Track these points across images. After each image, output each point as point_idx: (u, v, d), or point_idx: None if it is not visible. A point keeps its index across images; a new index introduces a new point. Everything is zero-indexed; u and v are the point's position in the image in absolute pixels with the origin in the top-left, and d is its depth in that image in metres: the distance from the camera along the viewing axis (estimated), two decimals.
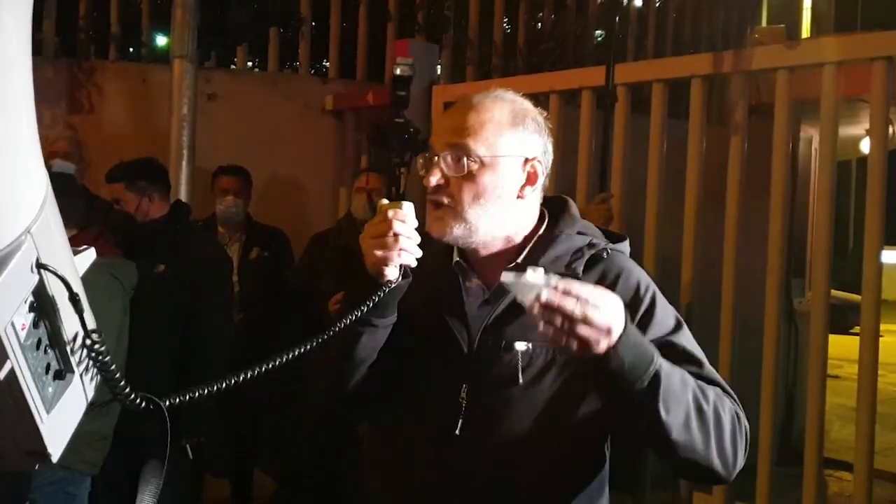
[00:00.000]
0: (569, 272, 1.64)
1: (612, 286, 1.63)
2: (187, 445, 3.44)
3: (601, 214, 3.65)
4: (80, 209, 3.03)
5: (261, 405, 4.31)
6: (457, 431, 1.62)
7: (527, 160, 1.67)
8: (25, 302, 0.86)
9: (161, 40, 7.06)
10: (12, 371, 0.84)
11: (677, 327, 1.69)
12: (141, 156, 4.13)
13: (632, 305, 1.64)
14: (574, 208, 1.81)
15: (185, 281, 3.64)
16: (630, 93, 4.39)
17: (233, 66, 6.57)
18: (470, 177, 1.62)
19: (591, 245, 1.70)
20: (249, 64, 6.93)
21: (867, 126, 3.77)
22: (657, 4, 7.66)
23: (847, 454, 4.38)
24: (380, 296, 1.52)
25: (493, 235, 1.67)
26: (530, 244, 1.71)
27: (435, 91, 5.18)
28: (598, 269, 1.69)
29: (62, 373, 0.94)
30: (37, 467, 0.95)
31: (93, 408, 1.03)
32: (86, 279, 1.01)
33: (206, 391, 1.15)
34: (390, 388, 1.70)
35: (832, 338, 4.11)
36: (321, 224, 5.12)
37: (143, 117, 5.51)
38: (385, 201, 1.56)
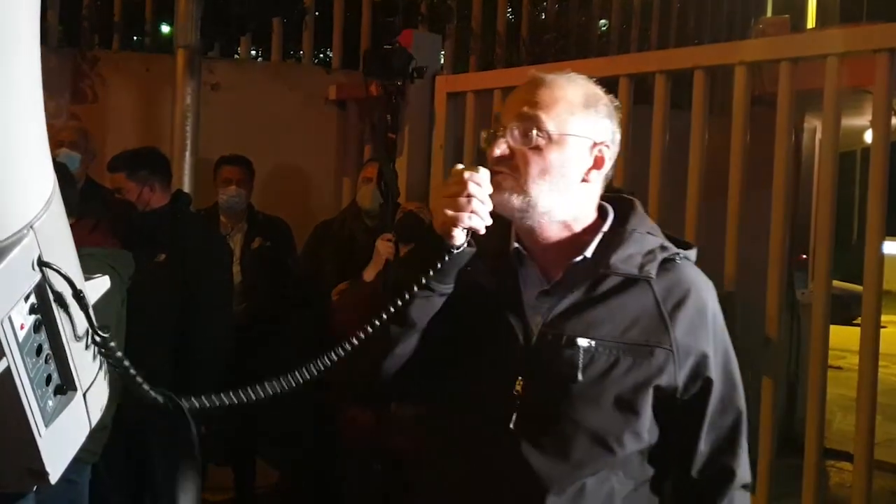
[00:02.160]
0: (641, 273, 1.61)
1: (681, 301, 1.63)
2: (188, 436, 3.46)
3: None
4: (74, 198, 3.03)
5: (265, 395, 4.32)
6: (511, 425, 1.59)
7: (595, 144, 1.62)
8: (26, 300, 0.85)
9: (165, 30, 7.06)
10: (8, 371, 0.82)
11: (729, 391, 1.68)
12: (144, 146, 4.15)
13: (693, 333, 1.63)
14: (641, 208, 1.75)
15: (185, 270, 3.65)
16: (633, 83, 4.38)
17: (236, 56, 6.57)
18: (537, 150, 1.57)
19: (662, 248, 1.66)
20: (253, 54, 6.92)
21: (871, 117, 3.76)
22: None
23: (848, 445, 4.38)
24: (446, 259, 1.49)
25: (552, 216, 1.61)
26: (596, 238, 1.66)
27: (438, 81, 5.17)
28: (669, 277, 1.65)
29: (63, 388, 0.92)
30: (35, 489, 0.93)
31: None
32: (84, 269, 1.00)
33: (254, 395, 1.15)
34: (443, 368, 1.67)
35: (835, 329, 4.11)
36: (324, 214, 5.12)
37: (147, 107, 5.52)
38: (460, 166, 1.53)
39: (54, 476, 0.92)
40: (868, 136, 7.60)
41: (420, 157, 5.08)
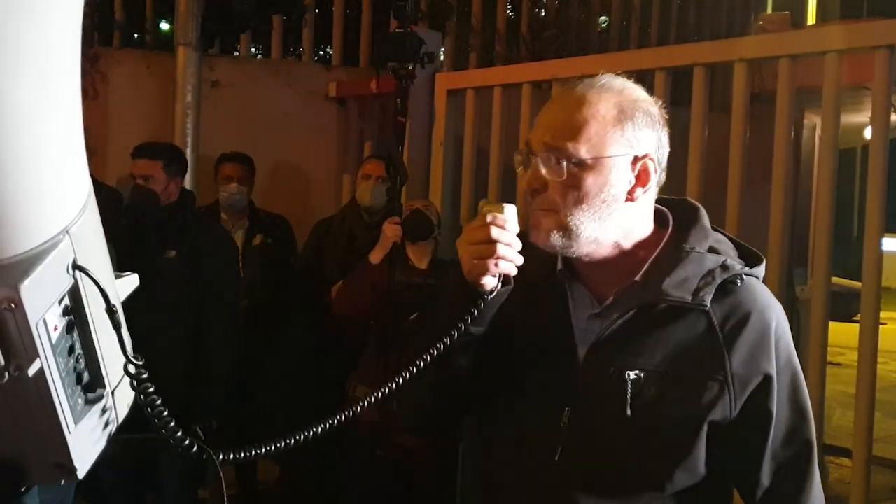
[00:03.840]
0: (696, 302, 1.48)
1: (740, 324, 1.50)
2: (198, 429, 3.49)
3: None
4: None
5: (266, 395, 4.36)
6: (556, 458, 1.51)
7: (637, 158, 1.49)
8: (59, 303, 0.87)
9: (165, 27, 7.07)
10: (41, 371, 0.85)
11: (795, 421, 1.56)
12: (163, 142, 4.21)
13: (752, 359, 1.50)
14: (705, 218, 1.62)
15: (196, 266, 3.68)
16: (633, 81, 4.38)
17: (236, 54, 6.58)
18: (571, 180, 1.46)
19: (724, 267, 1.52)
20: (253, 51, 6.93)
21: (870, 114, 3.77)
22: None
23: (847, 441, 4.39)
24: (480, 307, 1.42)
25: (599, 243, 1.50)
26: (651, 257, 1.54)
27: (438, 78, 5.18)
28: (729, 301, 1.51)
29: (93, 386, 0.94)
30: (62, 483, 0.96)
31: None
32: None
33: (291, 441, 1.17)
34: (492, 396, 1.60)
35: (834, 325, 4.11)
36: (324, 211, 5.13)
37: (147, 104, 5.52)
38: (485, 203, 1.44)
39: (82, 471, 0.94)
40: (868, 133, 7.61)
41: (420, 154, 5.09)
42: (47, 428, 0.88)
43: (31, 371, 0.84)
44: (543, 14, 7.41)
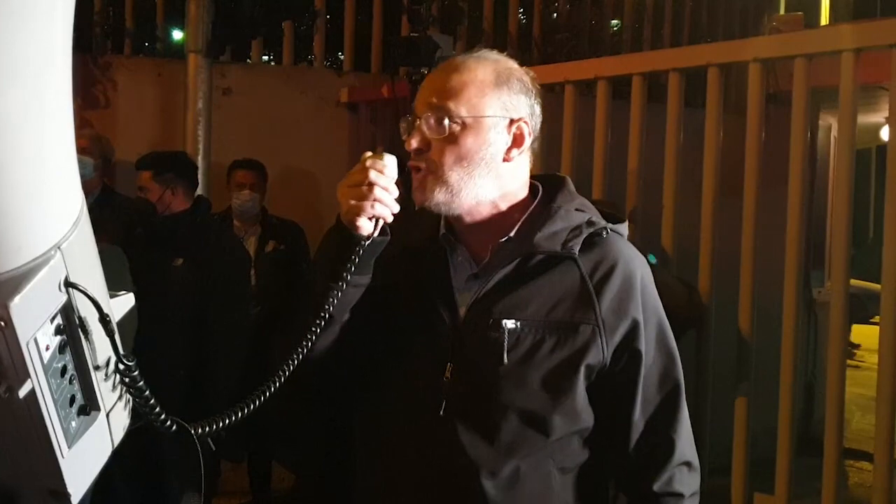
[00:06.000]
0: (565, 251, 1.59)
1: (608, 273, 1.60)
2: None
3: None
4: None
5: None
6: (441, 412, 1.57)
7: (512, 121, 1.60)
8: (52, 322, 0.85)
9: (176, 35, 7.08)
10: (33, 393, 0.82)
11: (664, 363, 1.66)
12: (172, 150, 4.17)
13: (620, 305, 1.60)
14: (571, 185, 1.74)
15: (203, 275, 3.66)
16: (646, 82, 4.36)
17: (248, 61, 6.58)
18: (452, 139, 1.55)
19: (589, 223, 1.63)
20: (264, 58, 6.93)
21: (887, 114, 3.73)
22: None
23: (868, 444, 4.35)
24: (359, 252, 1.47)
25: (478, 200, 1.59)
26: (523, 217, 1.64)
27: None
28: (596, 252, 1.62)
29: (87, 409, 0.92)
30: None
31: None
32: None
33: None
34: (373, 365, 1.66)
35: (852, 327, 4.07)
36: (335, 217, 5.11)
37: (159, 112, 5.53)
38: (368, 153, 1.51)
39: (76, 497, 0.91)
40: (884, 133, 7.55)
41: None
42: (39, 452, 0.86)
43: (22, 393, 0.81)
44: (555, 17, 7.39)
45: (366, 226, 1.48)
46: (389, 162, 1.48)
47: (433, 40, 4.05)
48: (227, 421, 1.13)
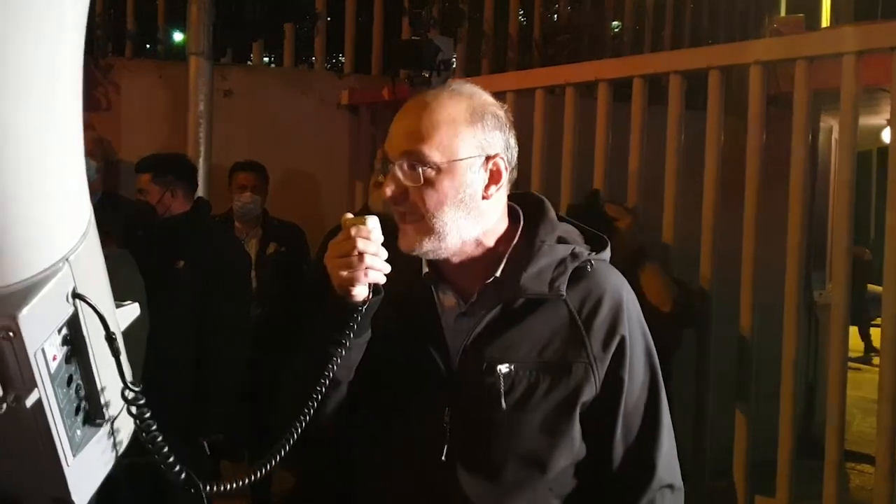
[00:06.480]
0: (552, 292, 1.58)
1: (595, 307, 1.60)
2: (205, 443, 3.46)
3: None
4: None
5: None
6: (443, 457, 1.56)
7: (488, 158, 1.56)
8: (59, 332, 0.85)
9: (177, 37, 7.09)
10: (39, 402, 0.83)
11: (648, 387, 1.65)
12: (172, 151, 4.16)
13: (608, 335, 1.60)
14: (551, 210, 1.71)
15: (204, 278, 3.66)
16: (647, 84, 4.36)
17: (249, 63, 6.58)
18: (429, 184, 1.51)
19: (573, 255, 1.61)
20: (265, 60, 6.94)
21: (888, 116, 3.72)
22: None
23: (869, 447, 4.34)
24: (356, 319, 1.45)
25: (463, 240, 1.57)
26: (507, 253, 1.62)
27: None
28: (582, 286, 1.61)
29: (92, 417, 0.93)
30: None
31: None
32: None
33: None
34: (369, 413, 1.63)
35: (853, 330, 4.07)
36: (337, 218, 5.06)
37: (160, 114, 5.53)
38: (349, 216, 1.48)
39: None
40: (885, 135, 7.55)
41: None
42: (45, 460, 0.86)
43: (29, 402, 0.82)
44: (556, 19, 7.39)
45: (361, 293, 1.46)
46: (373, 225, 1.45)
47: (434, 44, 4.04)
48: (234, 485, 1.14)
